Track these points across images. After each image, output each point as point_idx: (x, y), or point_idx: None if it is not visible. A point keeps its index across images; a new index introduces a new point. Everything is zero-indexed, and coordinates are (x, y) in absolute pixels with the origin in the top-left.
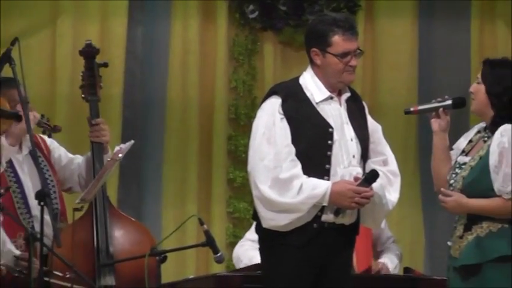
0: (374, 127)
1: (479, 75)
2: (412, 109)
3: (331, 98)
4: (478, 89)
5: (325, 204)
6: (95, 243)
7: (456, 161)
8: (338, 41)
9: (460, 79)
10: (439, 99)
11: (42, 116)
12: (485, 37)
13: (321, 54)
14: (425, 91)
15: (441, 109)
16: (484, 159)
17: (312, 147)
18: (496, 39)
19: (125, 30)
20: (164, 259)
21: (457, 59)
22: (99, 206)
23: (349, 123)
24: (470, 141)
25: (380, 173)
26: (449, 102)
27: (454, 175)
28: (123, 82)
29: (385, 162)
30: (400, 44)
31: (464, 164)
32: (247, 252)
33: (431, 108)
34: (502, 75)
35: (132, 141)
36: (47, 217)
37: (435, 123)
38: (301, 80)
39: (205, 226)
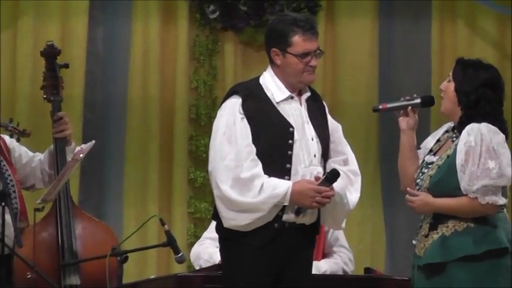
0: (334, 126)
1: (450, 73)
2: (380, 107)
3: (292, 97)
4: (447, 87)
5: (286, 203)
6: (59, 242)
7: (424, 161)
8: (298, 41)
9: (421, 79)
10: (408, 97)
11: (11, 120)
12: (445, 37)
13: (281, 54)
14: (386, 91)
15: (409, 107)
16: (451, 159)
17: (273, 147)
18: (456, 39)
19: (86, 30)
20: (125, 259)
21: (417, 59)
22: (63, 205)
23: (309, 122)
24: (438, 140)
25: (341, 172)
26: (418, 100)
27: (421, 174)
28: (84, 82)
29: (345, 162)
30: (361, 44)
31: (432, 163)
32: (207, 249)
33: (400, 106)
34: (473, 75)
35: (93, 142)
36: (8, 217)
37: (403, 122)
38: (262, 80)
39: (166, 226)
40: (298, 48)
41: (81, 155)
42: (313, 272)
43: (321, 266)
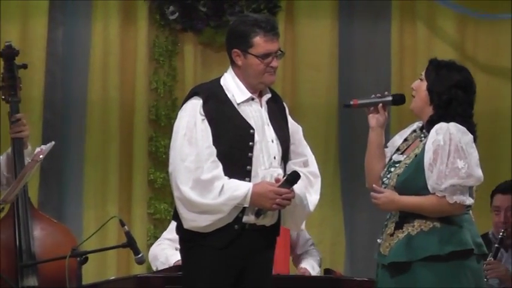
0: (294, 128)
1: (423, 73)
2: (351, 103)
3: (252, 99)
4: (419, 86)
5: (246, 205)
6: (17, 244)
7: (391, 159)
8: (259, 42)
9: (380, 79)
10: (379, 94)
11: None
12: (405, 38)
13: (242, 55)
14: (346, 92)
15: (380, 105)
16: (419, 158)
17: (233, 149)
18: (416, 39)
19: (46, 31)
20: (85, 260)
21: (377, 60)
22: (20, 207)
23: (270, 124)
24: (405, 139)
25: (301, 174)
26: (389, 98)
27: (388, 173)
28: (43, 83)
29: (305, 164)
30: (320, 45)
31: (399, 162)
32: (165, 251)
33: (371, 103)
34: (446, 75)
35: (53, 142)
36: None
37: (373, 119)
38: (222, 81)
39: (126, 227)
40: (260, 49)
41: (40, 156)
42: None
43: (311, 269)
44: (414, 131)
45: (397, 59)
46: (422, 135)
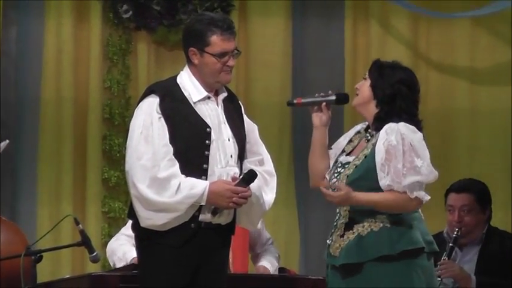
0: (250, 127)
1: (366, 73)
2: (295, 101)
3: (209, 97)
4: (362, 84)
5: (203, 203)
6: None
7: (338, 161)
8: (216, 41)
9: (334, 78)
10: (322, 93)
11: None
12: (358, 36)
13: (199, 53)
14: (299, 90)
15: (324, 103)
16: (369, 158)
17: (190, 147)
18: (369, 38)
19: None
20: (40, 259)
21: (330, 58)
22: None
23: (226, 123)
24: (350, 141)
25: (257, 173)
26: (332, 97)
27: (336, 174)
28: None
29: (260, 162)
30: (274, 44)
31: (348, 163)
32: (122, 246)
33: (315, 102)
34: (390, 73)
35: (7, 141)
36: None
37: (316, 118)
38: (179, 79)
39: (80, 226)
40: (216, 48)
41: None
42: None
43: (269, 266)
44: (358, 132)
45: (350, 58)
46: (367, 135)
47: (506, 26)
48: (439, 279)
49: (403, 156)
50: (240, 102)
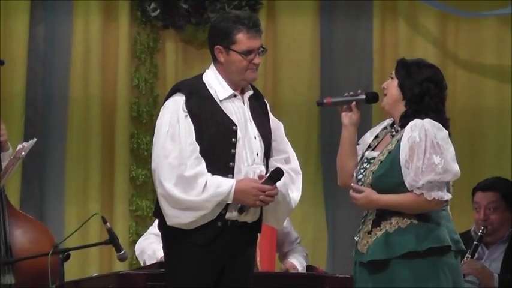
0: (276, 125)
1: (392, 72)
2: (325, 101)
3: (235, 95)
4: (390, 84)
5: (229, 202)
6: None
7: (363, 156)
8: (242, 39)
9: (362, 77)
10: (352, 93)
11: None
12: (386, 35)
13: (225, 51)
14: (327, 89)
15: (353, 103)
16: (394, 154)
17: (216, 145)
18: (397, 38)
19: (27, 29)
20: (67, 257)
21: (358, 57)
22: None
23: (252, 121)
24: (376, 136)
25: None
26: (362, 96)
27: (362, 170)
28: (25, 80)
29: (286, 161)
30: (302, 42)
31: (373, 158)
32: (152, 245)
33: (344, 101)
34: (416, 71)
35: (35, 140)
36: None
37: (346, 117)
38: (205, 78)
39: (108, 224)
40: (242, 45)
41: (22, 153)
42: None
43: (298, 264)
44: (385, 128)
45: (378, 57)
46: (393, 130)
47: None
48: (463, 276)
49: (424, 153)
50: (265, 100)
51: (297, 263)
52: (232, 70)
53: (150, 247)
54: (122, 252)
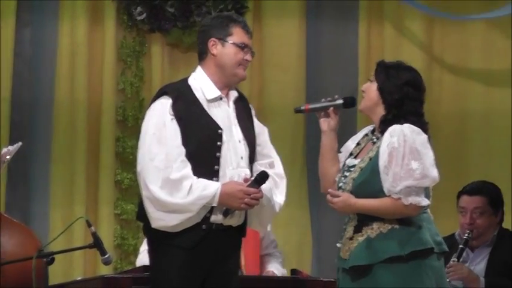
0: (260, 129)
1: (372, 75)
2: (302, 107)
3: (221, 98)
4: (369, 87)
5: (215, 204)
6: None
7: (345, 164)
8: (238, 32)
9: (348, 80)
10: (329, 98)
11: None
12: (372, 38)
13: (220, 43)
14: (313, 92)
15: (331, 108)
16: (374, 161)
17: (202, 148)
18: (383, 41)
19: (13, 32)
20: (52, 261)
21: (344, 60)
22: None
23: (237, 124)
24: (358, 144)
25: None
26: (340, 101)
27: (343, 178)
28: (11, 84)
29: (271, 165)
30: (288, 45)
31: (354, 166)
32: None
33: (322, 107)
34: (396, 75)
35: (20, 143)
36: None
37: (324, 123)
38: (190, 81)
39: (92, 228)
40: (238, 38)
41: (7, 157)
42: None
43: (277, 272)
44: (366, 134)
45: (364, 60)
46: (374, 137)
47: None
48: (448, 281)
49: (402, 159)
50: (250, 104)
51: (276, 270)
52: (226, 63)
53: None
54: (106, 256)
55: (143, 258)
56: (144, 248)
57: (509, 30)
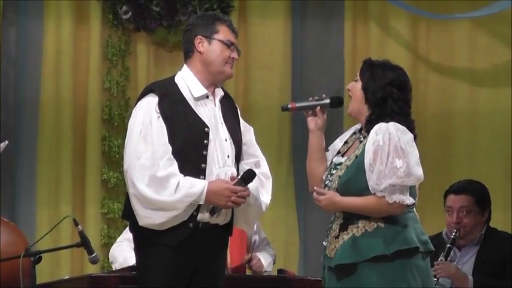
0: (246, 129)
1: (358, 73)
2: (289, 106)
3: (207, 96)
4: (354, 86)
5: (201, 202)
6: None
7: (332, 162)
8: (225, 30)
9: (334, 80)
10: (317, 97)
11: None
12: (358, 38)
13: (207, 41)
14: (299, 92)
15: (318, 107)
16: (360, 158)
17: (188, 147)
18: (368, 40)
19: None
20: (39, 260)
21: (330, 60)
22: None
23: (223, 123)
24: (345, 142)
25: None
26: (327, 101)
27: (329, 175)
28: None
29: (256, 165)
30: (273, 45)
31: (340, 164)
32: (123, 252)
33: (309, 106)
34: (380, 74)
35: (6, 142)
36: None
37: (312, 122)
38: (177, 79)
39: (79, 227)
40: (225, 36)
41: None
42: (258, 264)
43: (263, 259)
44: (354, 133)
45: (350, 59)
46: (361, 136)
47: (506, 27)
48: (436, 279)
49: (387, 157)
50: (236, 103)
51: (262, 258)
52: (213, 60)
53: (122, 255)
54: (93, 255)
55: (116, 250)
56: (122, 238)
57: (493, 29)
